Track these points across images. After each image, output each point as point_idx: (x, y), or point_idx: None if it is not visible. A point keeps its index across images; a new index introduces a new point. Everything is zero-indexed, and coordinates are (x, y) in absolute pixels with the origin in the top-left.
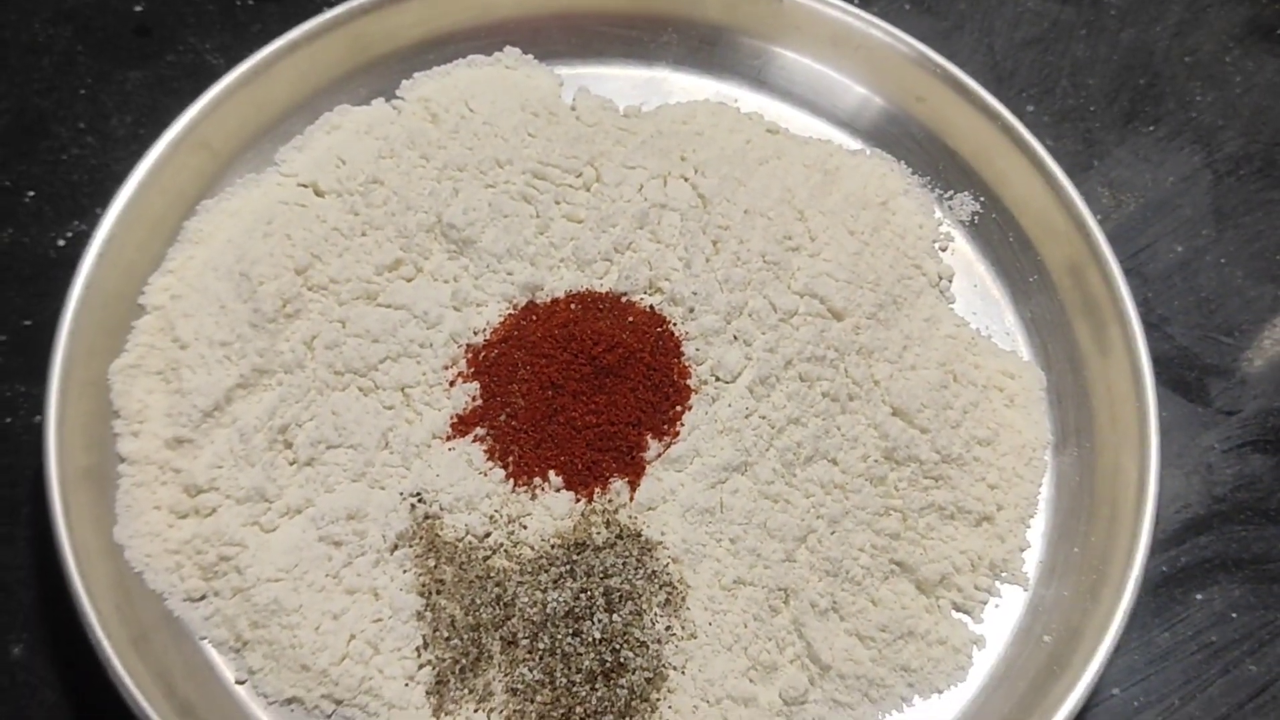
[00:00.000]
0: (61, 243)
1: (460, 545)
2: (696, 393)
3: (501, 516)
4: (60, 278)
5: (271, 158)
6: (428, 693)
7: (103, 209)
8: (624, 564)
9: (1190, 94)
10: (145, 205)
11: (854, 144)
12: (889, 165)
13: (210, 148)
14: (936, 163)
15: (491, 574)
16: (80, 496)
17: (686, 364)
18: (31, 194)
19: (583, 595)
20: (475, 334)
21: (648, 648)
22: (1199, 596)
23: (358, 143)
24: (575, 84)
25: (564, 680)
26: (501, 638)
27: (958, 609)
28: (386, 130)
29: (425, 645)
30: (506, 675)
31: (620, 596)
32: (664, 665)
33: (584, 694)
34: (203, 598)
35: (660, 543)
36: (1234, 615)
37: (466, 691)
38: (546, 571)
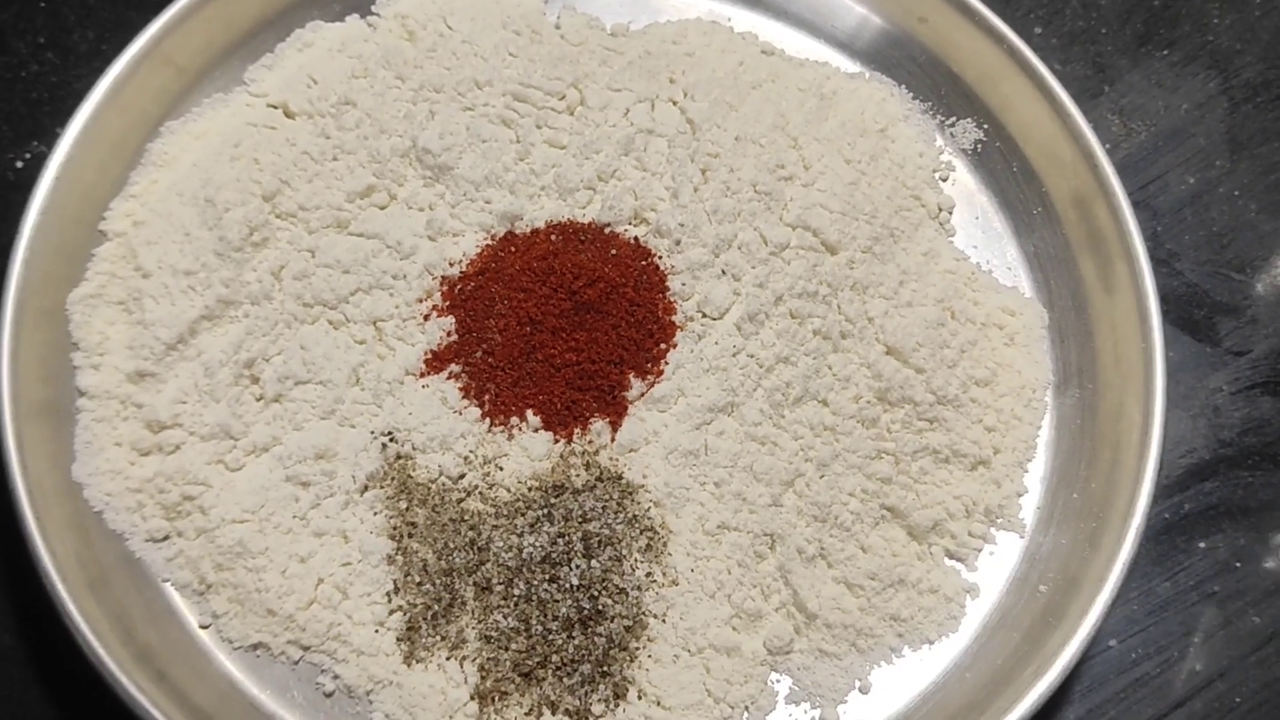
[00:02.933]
0: (20, 164)
1: (433, 487)
2: (682, 330)
3: (477, 457)
4: (18, 201)
5: (240, 76)
6: (398, 639)
7: (63, 128)
8: (604, 508)
9: (1207, 16)
10: (106, 125)
11: (852, 67)
12: (888, 90)
13: (176, 64)
14: (938, 87)
15: (466, 517)
16: (36, 432)
17: (672, 299)
18: None
19: (560, 540)
20: (451, 265)
21: (627, 595)
22: (1202, 545)
23: (330, 61)
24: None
25: (540, 628)
26: (475, 583)
27: (951, 556)
28: (360, 48)
29: (396, 590)
30: (480, 622)
31: (599, 541)
32: (644, 613)
33: (560, 642)
34: (165, 538)
35: (642, 486)
36: (1238, 564)
37: (438, 638)
38: (523, 515)
